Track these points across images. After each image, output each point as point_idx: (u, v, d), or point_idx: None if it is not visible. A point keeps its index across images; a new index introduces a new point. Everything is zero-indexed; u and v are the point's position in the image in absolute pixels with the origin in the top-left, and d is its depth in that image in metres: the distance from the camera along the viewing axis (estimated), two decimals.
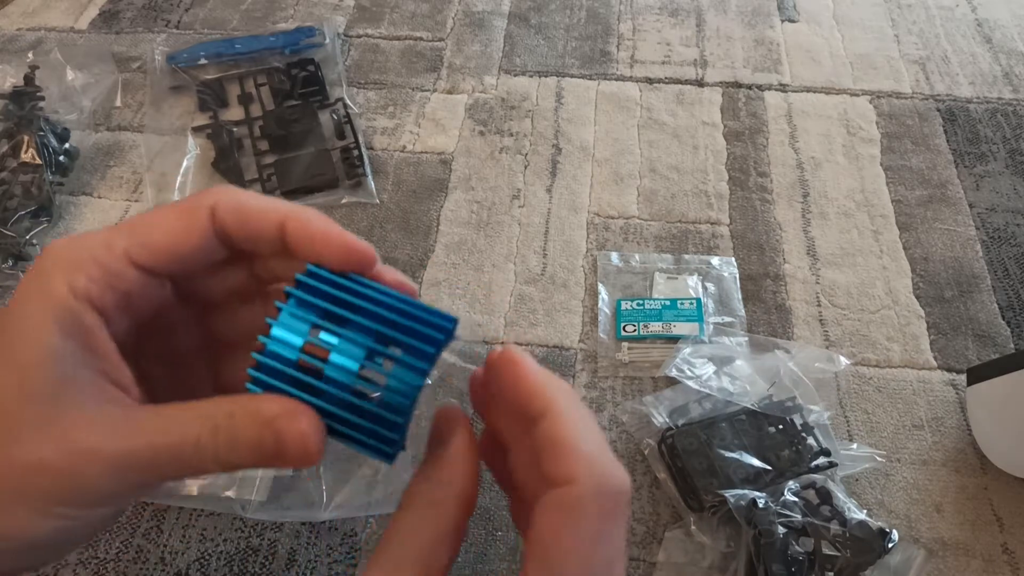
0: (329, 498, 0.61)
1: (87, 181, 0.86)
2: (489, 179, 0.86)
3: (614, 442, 0.65)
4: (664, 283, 0.75)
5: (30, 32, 1.04)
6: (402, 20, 1.05)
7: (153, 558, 0.60)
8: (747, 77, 0.98)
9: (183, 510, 0.62)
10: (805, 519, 0.55)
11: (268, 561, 0.59)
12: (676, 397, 0.65)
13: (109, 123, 0.92)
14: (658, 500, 0.62)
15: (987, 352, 0.71)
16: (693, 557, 0.58)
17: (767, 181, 0.86)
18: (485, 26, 1.04)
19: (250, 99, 0.93)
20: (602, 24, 1.05)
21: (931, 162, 0.88)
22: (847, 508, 0.57)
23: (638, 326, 0.72)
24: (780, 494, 0.56)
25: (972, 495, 0.62)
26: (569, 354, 0.71)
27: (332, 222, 0.28)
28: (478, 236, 0.81)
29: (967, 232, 0.81)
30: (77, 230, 0.82)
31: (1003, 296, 0.76)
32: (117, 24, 1.05)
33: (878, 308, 0.75)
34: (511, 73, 0.98)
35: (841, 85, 0.97)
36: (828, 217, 0.83)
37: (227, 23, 1.05)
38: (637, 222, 0.82)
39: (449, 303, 0.75)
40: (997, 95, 0.95)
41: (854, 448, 0.63)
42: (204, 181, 0.85)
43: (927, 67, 0.99)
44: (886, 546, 0.54)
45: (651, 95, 0.96)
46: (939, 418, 0.67)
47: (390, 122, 0.92)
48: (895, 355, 0.71)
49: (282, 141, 0.87)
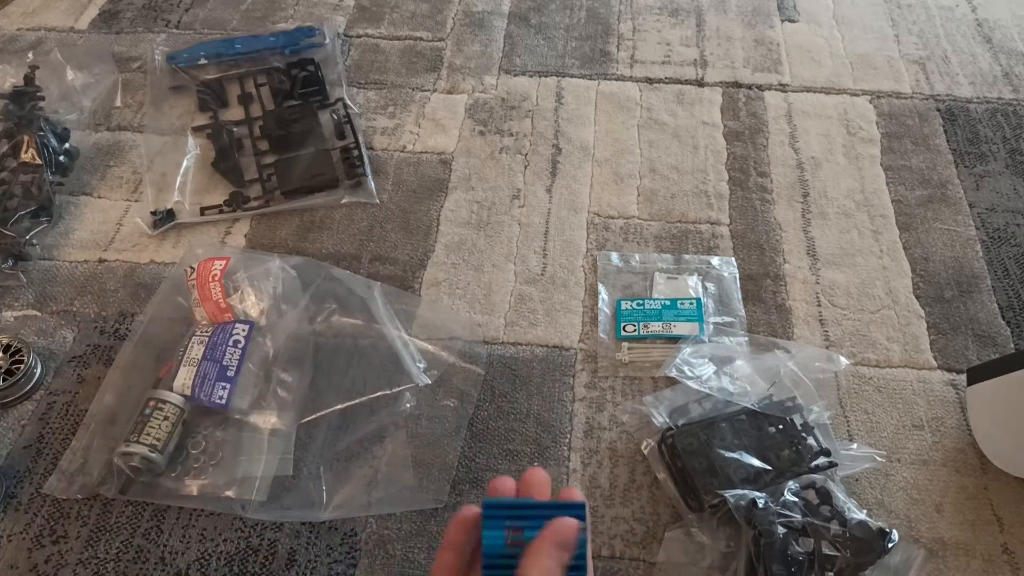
0: (329, 498, 0.61)
1: (87, 181, 0.86)
2: (489, 179, 0.86)
3: (614, 442, 0.65)
4: (664, 283, 0.75)
5: (30, 32, 1.04)
6: (402, 20, 1.05)
7: (153, 558, 0.59)
8: (747, 77, 0.98)
9: (183, 510, 0.62)
10: (805, 519, 0.55)
11: (268, 561, 0.59)
12: (676, 397, 0.65)
13: (109, 123, 0.92)
14: (658, 500, 0.62)
15: (987, 352, 0.71)
16: (693, 557, 0.58)
17: (767, 181, 0.86)
18: (485, 26, 1.04)
19: (250, 99, 0.93)
20: (602, 24, 1.05)
21: (931, 162, 0.88)
22: (847, 508, 0.57)
23: (638, 326, 0.72)
24: (780, 494, 0.56)
25: (972, 495, 0.62)
26: (569, 354, 0.71)
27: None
28: (478, 236, 0.81)
29: (967, 232, 0.81)
30: (77, 230, 0.82)
31: (1003, 296, 0.76)
32: (117, 24, 1.05)
33: (878, 308, 0.75)
34: (511, 73, 0.98)
35: (841, 85, 0.97)
36: (828, 217, 0.83)
37: (227, 23, 1.05)
38: (637, 222, 0.82)
39: (449, 303, 0.75)
40: (997, 95, 0.95)
41: (854, 448, 0.63)
42: (204, 181, 0.85)
43: (927, 67, 0.99)
44: (886, 546, 0.54)
45: (651, 95, 0.96)
46: (939, 418, 0.67)
47: (390, 122, 0.92)
48: (895, 355, 0.71)
49: (282, 141, 0.87)
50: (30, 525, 0.61)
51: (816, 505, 0.57)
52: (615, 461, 0.64)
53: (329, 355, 0.69)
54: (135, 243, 0.80)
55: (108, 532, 0.61)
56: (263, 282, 0.71)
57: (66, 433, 0.66)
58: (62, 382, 0.69)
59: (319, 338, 0.70)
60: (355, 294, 0.72)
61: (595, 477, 0.63)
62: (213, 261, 0.71)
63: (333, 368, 0.68)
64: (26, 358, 0.68)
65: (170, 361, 0.66)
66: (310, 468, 0.63)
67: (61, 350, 0.72)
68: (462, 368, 0.69)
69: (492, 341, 0.72)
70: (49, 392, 0.69)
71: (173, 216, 0.81)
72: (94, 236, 0.81)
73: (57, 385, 0.69)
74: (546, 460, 0.64)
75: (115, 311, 0.74)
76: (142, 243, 0.80)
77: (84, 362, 0.71)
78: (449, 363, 0.69)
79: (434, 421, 0.66)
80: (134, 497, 0.61)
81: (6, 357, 0.68)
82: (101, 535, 0.61)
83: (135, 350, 0.69)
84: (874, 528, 0.55)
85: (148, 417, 0.61)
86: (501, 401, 0.68)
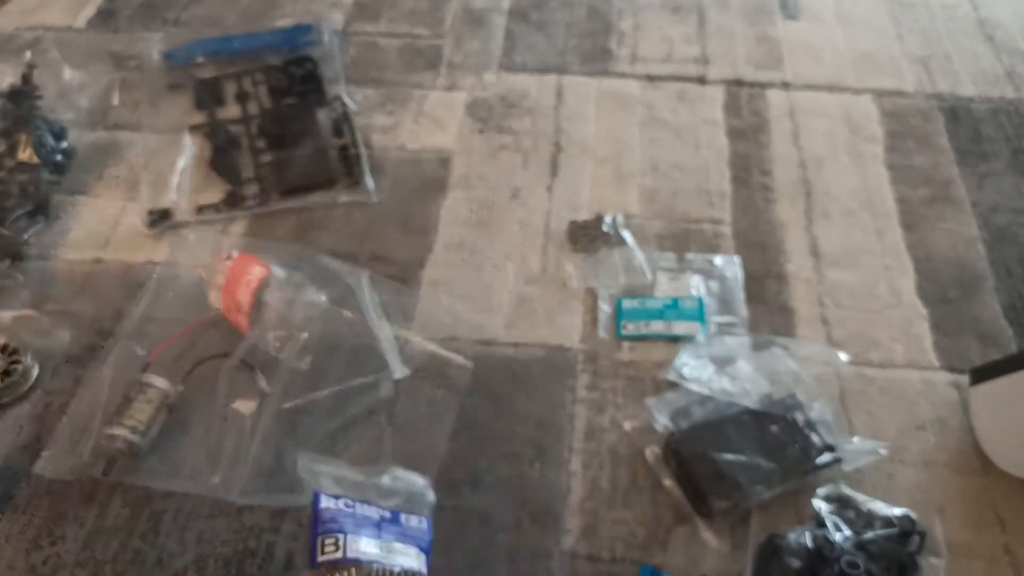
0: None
1: (84, 180, 0.86)
2: (489, 178, 0.86)
3: (615, 444, 0.65)
4: (666, 282, 0.75)
5: (28, 31, 1.03)
6: (401, 17, 1.05)
7: (151, 560, 0.59)
8: (749, 75, 0.97)
9: (180, 511, 0.61)
10: (861, 538, 0.54)
11: (265, 563, 0.59)
12: (678, 399, 0.65)
13: (106, 122, 0.92)
14: (659, 502, 0.61)
15: (990, 352, 0.71)
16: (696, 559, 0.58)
17: (770, 180, 0.86)
18: (484, 23, 1.04)
19: (247, 97, 0.92)
20: (603, 21, 1.05)
21: (934, 161, 0.87)
22: (872, 508, 0.57)
23: (639, 324, 0.71)
24: (812, 515, 0.56)
25: (974, 496, 0.62)
26: (570, 355, 0.71)
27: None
28: (477, 235, 0.80)
29: (970, 232, 0.81)
30: (74, 229, 0.81)
31: (1006, 296, 0.75)
32: (115, 22, 1.04)
33: (881, 308, 0.74)
34: (511, 70, 0.97)
35: (844, 83, 0.96)
36: (831, 216, 0.82)
37: (225, 21, 1.05)
38: (638, 221, 0.82)
39: (449, 303, 0.75)
40: (999, 94, 0.95)
41: (856, 442, 0.63)
42: (201, 180, 0.85)
43: (929, 66, 0.99)
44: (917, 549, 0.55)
45: (652, 93, 0.95)
46: (942, 419, 0.67)
47: (388, 120, 0.92)
48: (898, 356, 0.71)
49: (280, 139, 0.87)
50: (28, 526, 0.61)
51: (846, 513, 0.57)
52: (616, 463, 0.64)
53: (313, 342, 0.68)
54: (132, 242, 0.80)
55: (106, 534, 0.60)
56: (291, 311, 0.69)
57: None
58: (59, 382, 0.69)
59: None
60: (342, 281, 0.71)
61: (596, 479, 0.63)
62: (254, 264, 0.69)
63: (315, 354, 0.68)
64: (23, 358, 0.68)
65: (160, 347, 0.67)
66: (292, 453, 0.63)
67: (58, 350, 0.71)
68: (461, 366, 0.69)
69: (492, 342, 0.72)
70: (46, 392, 0.68)
71: (170, 215, 0.81)
72: (91, 235, 0.81)
73: (54, 385, 0.69)
74: (546, 462, 0.64)
75: (112, 311, 0.74)
76: (139, 242, 0.80)
77: (81, 362, 0.70)
78: (431, 353, 0.69)
79: (417, 410, 0.66)
80: (117, 478, 0.62)
81: (3, 357, 0.68)
82: (99, 536, 0.60)
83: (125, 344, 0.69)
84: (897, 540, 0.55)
85: (132, 400, 0.62)
86: (501, 402, 0.68)
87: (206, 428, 0.65)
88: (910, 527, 0.56)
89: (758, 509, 0.59)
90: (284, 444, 0.64)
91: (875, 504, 0.58)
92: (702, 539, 0.58)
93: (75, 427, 0.64)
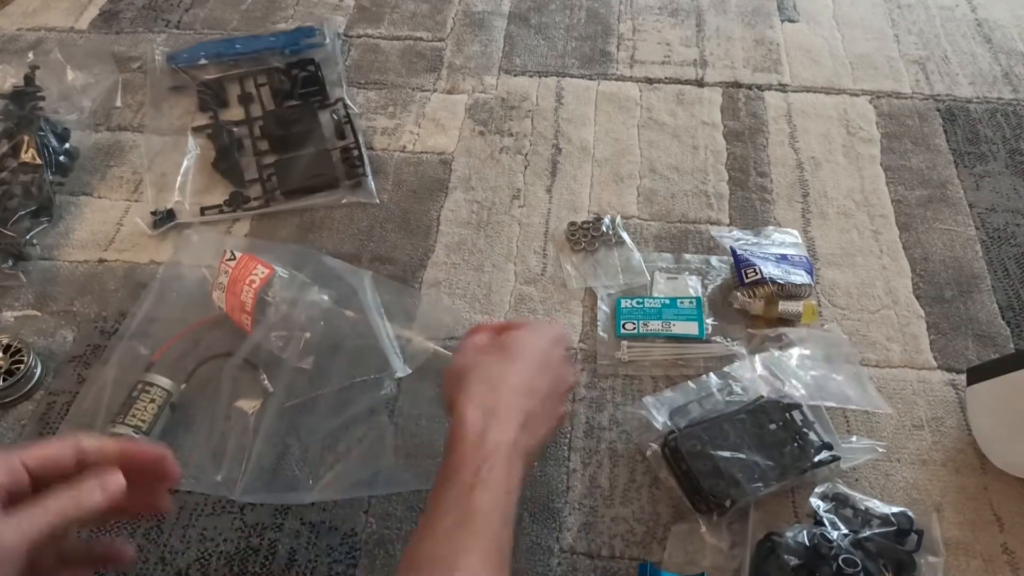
0: (315, 481, 0.62)
1: (87, 181, 0.86)
2: (489, 179, 0.86)
3: (614, 442, 0.65)
4: (664, 282, 0.75)
5: (30, 32, 1.04)
6: (402, 20, 1.05)
7: (153, 557, 0.60)
8: (747, 77, 0.98)
9: (183, 510, 0.62)
10: (857, 536, 0.55)
11: (268, 561, 0.59)
12: (676, 398, 0.65)
13: (109, 123, 0.92)
14: (658, 500, 0.62)
15: (987, 352, 0.71)
16: (695, 556, 0.58)
17: (767, 181, 0.86)
18: (485, 26, 1.04)
19: (250, 99, 0.93)
20: (602, 24, 1.05)
21: (931, 162, 0.88)
22: (869, 505, 0.58)
23: (638, 324, 0.72)
24: (808, 512, 0.56)
25: (972, 495, 0.62)
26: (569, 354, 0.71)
27: None
28: (478, 236, 0.81)
29: (967, 232, 0.81)
30: (77, 230, 0.82)
31: (1003, 296, 0.76)
32: (117, 24, 1.05)
33: (878, 308, 0.75)
34: (511, 73, 0.98)
35: (841, 85, 0.97)
36: (828, 217, 0.83)
37: (227, 23, 1.05)
38: (637, 222, 0.82)
39: (449, 303, 0.75)
40: (997, 95, 0.96)
41: (854, 440, 0.64)
42: (204, 181, 0.85)
43: (927, 67, 0.99)
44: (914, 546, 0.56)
45: (651, 95, 0.96)
46: (939, 418, 0.67)
47: (390, 122, 0.92)
48: (895, 355, 0.71)
49: (282, 141, 0.87)
50: None
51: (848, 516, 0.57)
52: (615, 461, 0.64)
53: (315, 340, 0.69)
54: (135, 243, 0.80)
55: (108, 531, 0.61)
56: (294, 312, 0.69)
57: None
58: (62, 382, 0.69)
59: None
60: (344, 282, 0.72)
61: (595, 477, 0.64)
62: (257, 264, 0.69)
63: (318, 353, 0.68)
64: (26, 358, 0.68)
65: (163, 346, 0.67)
66: (294, 451, 0.64)
67: (61, 350, 0.72)
68: (445, 357, 0.69)
69: None
70: (49, 392, 0.69)
71: (173, 216, 0.81)
72: (94, 236, 0.81)
73: (57, 385, 0.69)
74: (546, 460, 0.64)
75: (115, 311, 0.74)
76: (142, 243, 0.80)
77: (84, 362, 0.71)
78: (432, 352, 0.69)
79: (418, 407, 0.67)
80: None
81: (6, 357, 0.68)
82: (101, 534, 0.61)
83: (128, 343, 0.69)
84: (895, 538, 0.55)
85: (135, 399, 0.63)
86: None
87: (209, 427, 0.65)
88: (908, 525, 0.56)
89: (756, 507, 0.59)
90: (287, 441, 0.64)
91: (873, 502, 0.58)
92: (700, 536, 0.59)
93: (78, 426, 0.65)
